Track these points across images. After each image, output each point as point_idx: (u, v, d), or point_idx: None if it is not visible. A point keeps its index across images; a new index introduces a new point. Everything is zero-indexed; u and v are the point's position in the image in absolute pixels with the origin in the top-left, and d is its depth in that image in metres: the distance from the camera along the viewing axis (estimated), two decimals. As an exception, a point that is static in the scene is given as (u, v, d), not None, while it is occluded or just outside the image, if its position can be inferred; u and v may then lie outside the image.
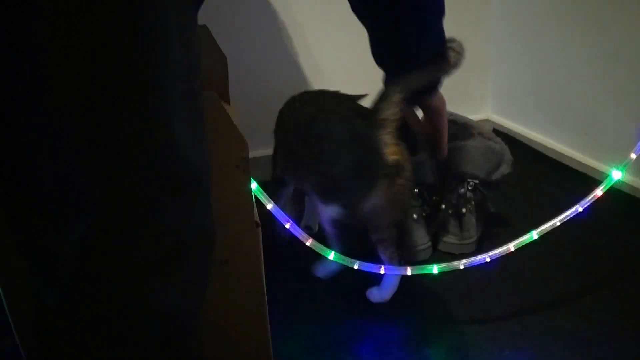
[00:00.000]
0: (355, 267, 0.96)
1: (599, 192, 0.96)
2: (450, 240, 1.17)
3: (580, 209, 0.95)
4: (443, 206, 1.17)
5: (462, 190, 1.13)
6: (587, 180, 1.42)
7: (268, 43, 1.48)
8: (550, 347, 0.91)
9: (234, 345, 0.84)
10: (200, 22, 1.19)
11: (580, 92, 1.46)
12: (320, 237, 0.99)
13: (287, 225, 0.94)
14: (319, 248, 0.94)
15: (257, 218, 0.77)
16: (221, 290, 0.80)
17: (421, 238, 1.15)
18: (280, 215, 0.93)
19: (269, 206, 0.91)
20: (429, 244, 1.17)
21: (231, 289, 0.80)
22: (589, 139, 1.46)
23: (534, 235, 0.97)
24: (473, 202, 1.14)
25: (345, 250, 0.98)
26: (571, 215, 0.95)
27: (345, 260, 0.95)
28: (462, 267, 0.98)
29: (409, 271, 0.98)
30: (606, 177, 0.99)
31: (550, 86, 1.56)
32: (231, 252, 0.77)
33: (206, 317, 0.82)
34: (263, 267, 0.79)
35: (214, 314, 0.82)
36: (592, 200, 0.96)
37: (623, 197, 1.29)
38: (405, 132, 0.93)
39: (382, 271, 0.97)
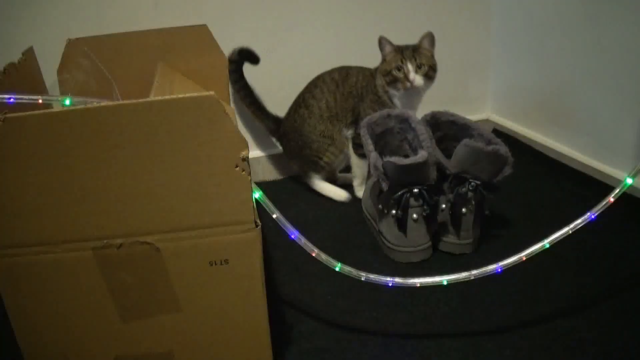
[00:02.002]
0: (362, 279, 0.95)
1: (611, 198, 0.95)
2: (450, 240, 1.18)
3: (593, 216, 0.94)
4: (443, 206, 1.17)
5: (463, 189, 1.12)
6: (587, 181, 1.41)
7: (268, 43, 1.48)
8: (551, 347, 0.91)
9: (234, 345, 0.84)
10: (200, 22, 1.20)
11: (581, 92, 1.46)
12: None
13: (294, 236, 0.92)
14: (325, 260, 0.93)
15: (257, 218, 0.77)
16: (221, 290, 0.80)
17: (421, 238, 1.16)
18: (285, 225, 0.91)
19: (275, 215, 0.89)
20: (429, 244, 1.17)
21: (231, 289, 0.80)
22: (590, 139, 1.46)
23: (546, 243, 0.95)
24: (473, 202, 1.14)
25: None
26: (583, 224, 0.94)
27: (352, 273, 0.94)
28: (472, 278, 0.94)
29: (418, 284, 0.96)
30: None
31: (550, 86, 1.56)
32: (231, 252, 0.77)
33: (206, 317, 0.82)
34: (263, 267, 0.79)
35: (214, 314, 0.82)
36: (604, 207, 0.94)
37: (626, 197, 1.29)
38: None
39: (390, 283, 0.96)
